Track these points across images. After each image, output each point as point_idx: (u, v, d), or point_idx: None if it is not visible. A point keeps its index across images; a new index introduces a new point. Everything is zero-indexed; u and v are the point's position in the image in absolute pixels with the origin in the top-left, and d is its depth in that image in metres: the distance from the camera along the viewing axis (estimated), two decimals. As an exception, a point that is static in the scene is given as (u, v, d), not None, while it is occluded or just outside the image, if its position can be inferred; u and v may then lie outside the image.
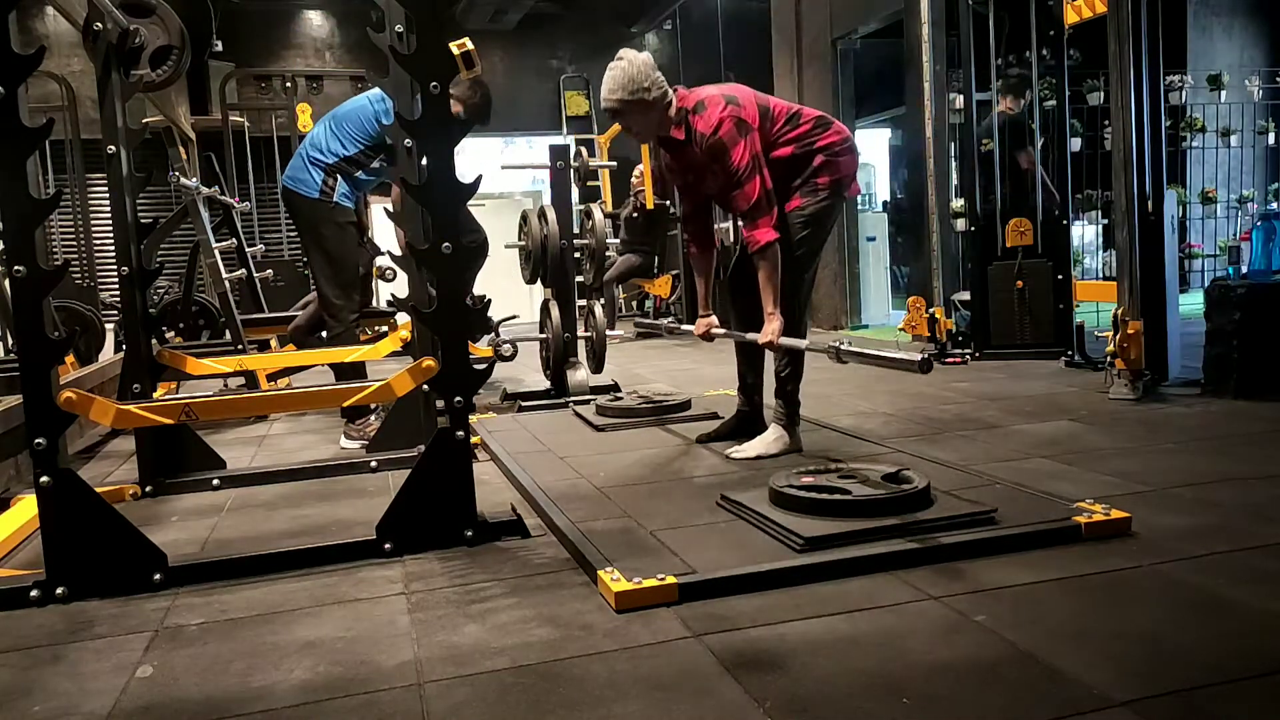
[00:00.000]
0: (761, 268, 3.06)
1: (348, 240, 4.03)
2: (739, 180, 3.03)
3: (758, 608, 1.94)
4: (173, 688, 1.74)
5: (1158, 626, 1.74)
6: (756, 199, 3.03)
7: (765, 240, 3.03)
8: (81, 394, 2.28)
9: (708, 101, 3.08)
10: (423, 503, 2.44)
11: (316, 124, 4.17)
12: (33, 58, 2.09)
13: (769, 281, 3.06)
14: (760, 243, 3.04)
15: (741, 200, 3.05)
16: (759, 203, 3.04)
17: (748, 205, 3.04)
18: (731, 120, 3.03)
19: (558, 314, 4.75)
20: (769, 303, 3.06)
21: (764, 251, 3.04)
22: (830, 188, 3.17)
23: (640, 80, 3.02)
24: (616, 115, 3.12)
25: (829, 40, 8.11)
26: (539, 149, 11.59)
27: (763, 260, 3.05)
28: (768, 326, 3.07)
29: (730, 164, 3.03)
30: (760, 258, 3.05)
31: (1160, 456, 3.08)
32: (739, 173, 3.03)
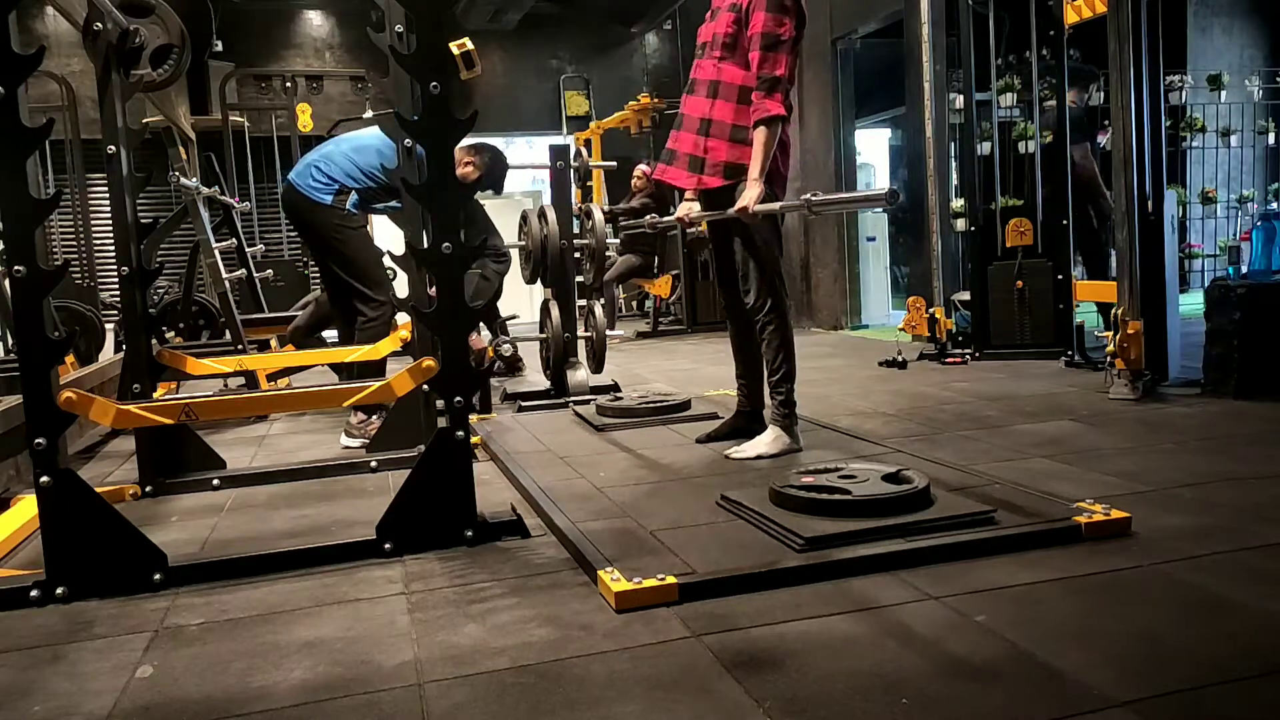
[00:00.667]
0: (759, 133, 3.09)
1: (363, 238, 4.09)
2: (777, 44, 3.09)
3: (758, 608, 1.94)
4: (173, 688, 1.74)
5: (1158, 626, 1.74)
6: (784, 72, 3.09)
7: (775, 111, 3.08)
8: (81, 394, 2.28)
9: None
10: (423, 503, 2.44)
11: (331, 142, 4.20)
12: (33, 58, 2.09)
13: (762, 148, 3.09)
14: (770, 112, 3.08)
15: (769, 66, 3.09)
16: (784, 78, 3.09)
17: (772, 73, 3.09)
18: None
19: (558, 314, 4.75)
20: (755, 168, 3.09)
21: (769, 122, 3.08)
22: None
23: None
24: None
25: (829, 40, 8.11)
26: (539, 149, 11.59)
27: (765, 128, 3.09)
28: (746, 193, 3.09)
29: (775, 26, 3.08)
30: (763, 125, 3.09)
31: (1160, 456, 3.08)
32: (780, 39, 3.08)
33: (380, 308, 4.08)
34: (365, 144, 4.12)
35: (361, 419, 3.95)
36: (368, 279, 4.07)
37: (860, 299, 8.44)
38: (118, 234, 3.07)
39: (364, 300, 4.06)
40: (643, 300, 10.46)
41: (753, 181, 3.09)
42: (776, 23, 3.08)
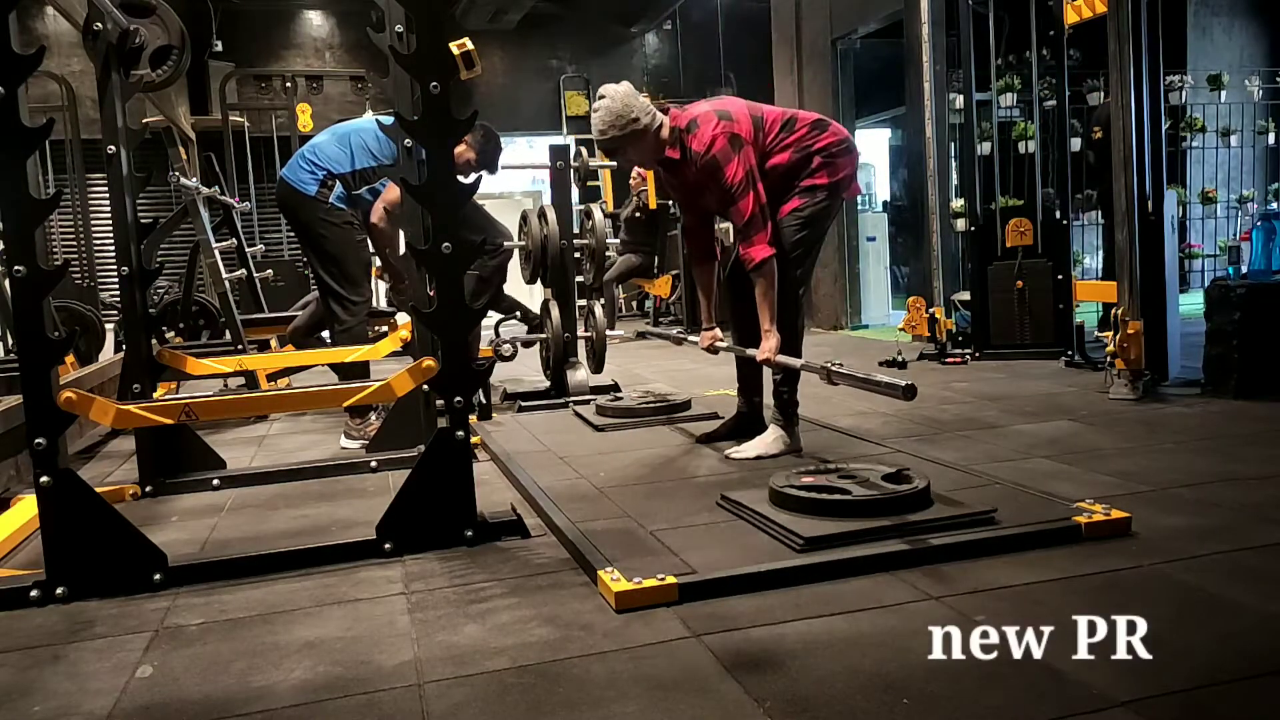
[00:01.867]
0: (758, 284, 3.07)
1: (347, 236, 4.03)
2: (733, 196, 3.05)
3: (758, 608, 1.94)
4: (173, 688, 1.74)
5: (1157, 626, 1.74)
6: (751, 215, 3.04)
7: (760, 257, 3.04)
8: (81, 394, 2.28)
9: (700, 119, 3.09)
10: (423, 503, 2.44)
11: (323, 132, 4.19)
12: (33, 58, 2.09)
13: (765, 298, 3.07)
14: (755, 260, 3.05)
15: (736, 216, 3.07)
16: (753, 219, 3.05)
17: (742, 222, 3.06)
18: (725, 136, 3.04)
19: (558, 314, 4.75)
20: (765, 319, 3.07)
21: (760, 268, 3.05)
22: (828, 189, 3.17)
23: (628, 112, 3.05)
24: (615, 152, 3.15)
25: (829, 40, 8.11)
26: (539, 149, 11.59)
27: (759, 276, 3.06)
28: (765, 344, 3.09)
29: (724, 180, 3.04)
30: (756, 274, 3.06)
31: (1160, 456, 3.08)
32: (733, 189, 3.04)
33: (354, 309, 4.02)
34: (353, 127, 4.09)
35: (360, 420, 3.95)
36: (343, 278, 4.00)
37: (860, 299, 8.44)
38: (118, 234, 3.07)
39: (338, 301, 4.00)
40: (643, 300, 10.46)
41: (768, 333, 3.07)
42: (722, 176, 3.04)
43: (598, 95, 3.12)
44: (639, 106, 3.07)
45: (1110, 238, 5.45)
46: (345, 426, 4.00)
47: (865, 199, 11.22)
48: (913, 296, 6.15)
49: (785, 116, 3.21)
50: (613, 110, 3.05)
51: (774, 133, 3.16)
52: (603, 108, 3.07)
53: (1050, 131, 5.88)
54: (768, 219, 3.08)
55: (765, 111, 3.20)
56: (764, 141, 3.15)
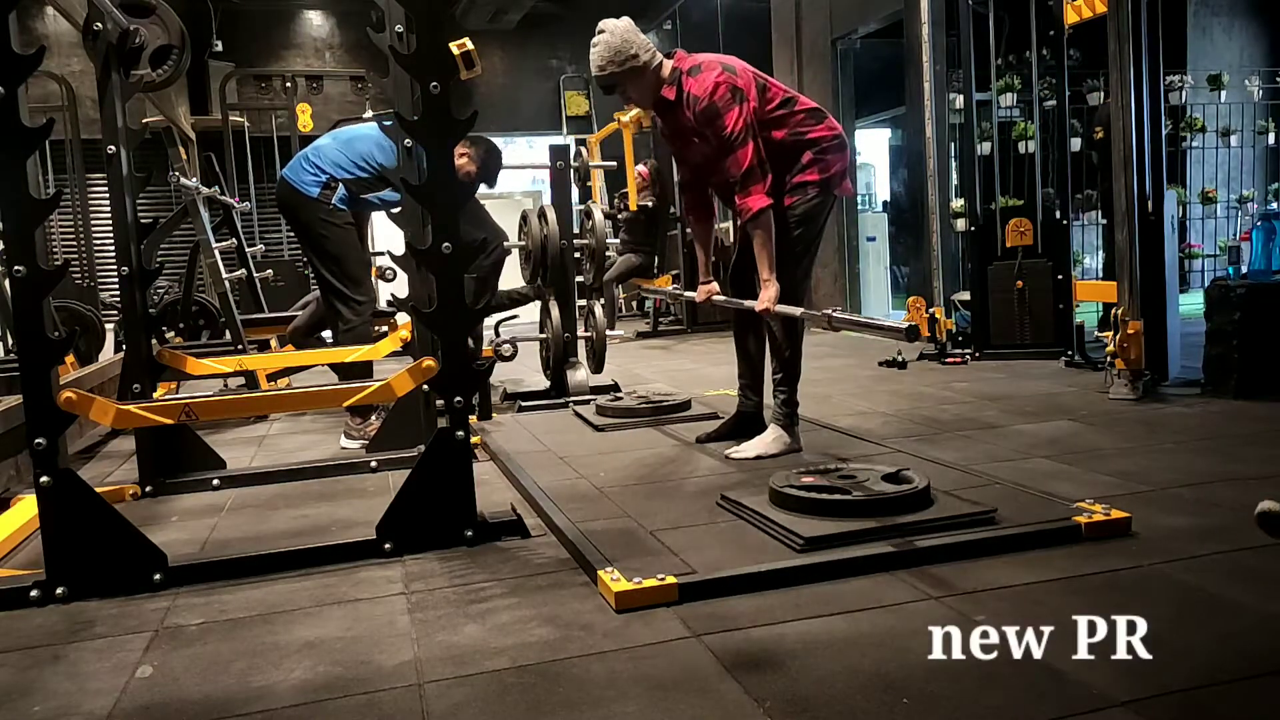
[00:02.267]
0: (755, 235, 3.05)
1: (348, 237, 4.04)
2: (732, 144, 3.01)
3: (758, 608, 1.94)
4: (173, 688, 1.74)
5: (1157, 626, 1.74)
6: (749, 165, 3.01)
7: (758, 207, 3.01)
8: (81, 394, 2.28)
9: (704, 65, 3.06)
10: (423, 503, 2.44)
11: (326, 135, 4.19)
12: (33, 58, 2.09)
13: (763, 248, 3.04)
14: (752, 210, 3.02)
15: (733, 166, 3.02)
16: (751, 169, 3.01)
17: (739, 171, 3.01)
18: (726, 86, 3.01)
19: (558, 314, 4.75)
20: (764, 269, 3.05)
21: (757, 218, 3.02)
22: (819, 185, 3.17)
23: (627, 48, 3.02)
24: (611, 87, 3.11)
25: (829, 40, 8.12)
26: (539, 149, 11.59)
27: (756, 228, 3.03)
28: (764, 293, 3.06)
29: (723, 129, 3.01)
30: (753, 225, 3.04)
31: (1160, 456, 3.08)
32: (732, 137, 3.00)
33: (359, 309, 4.04)
34: (357, 134, 4.11)
35: (360, 420, 3.95)
36: (347, 278, 4.02)
37: (860, 299, 8.44)
38: (118, 234, 3.07)
39: (343, 301, 4.01)
40: (643, 300, 10.45)
41: (766, 282, 3.05)
42: (721, 124, 3.01)
43: (597, 30, 3.08)
44: (639, 43, 3.05)
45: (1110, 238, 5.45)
46: (345, 426, 4.00)
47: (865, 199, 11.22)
48: (913, 296, 6.15)
49: (787, 94, 3.20)
50: (611, 45, 3.02)
51: (774, 104, 3.14)
52: (601, 42, 3.03)
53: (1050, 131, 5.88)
54: (767, 172, 3.05)
55: (770, 82, 3.18)
56: (764, 109, 3.11)
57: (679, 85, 3.09)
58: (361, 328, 4.05)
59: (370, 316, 4.15)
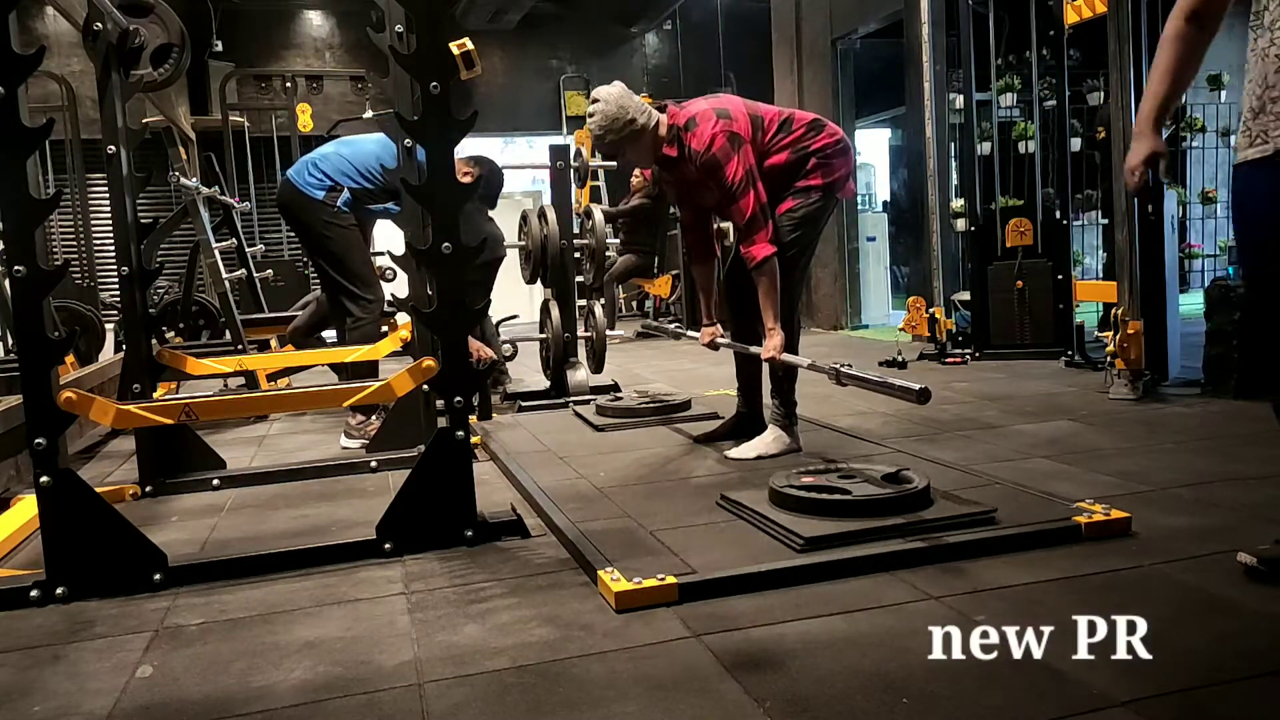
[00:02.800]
0: (760, 283, 3.07)
1: (352, 238, 4.05)
2: (734, 195, 3.04)
3: (758, 608, 1.94)
4: (173, 688, 1.74)
5: (1158, 626, 1.74)
6: (752, 213, 3.04)
7: (762, 256, 3.04)
8: (81, 394, 2.28)
9: (699, 118, 3.08)
10: (423, 503, 2.44)
11: (331, 144, 4.19)
12: (33, 58, 2.09)
13: (768, 296, 3.06)
14: (757, 258, 3.04)
15: (737, 215, 3.06)
16: (754, 217, 3.04)
17: (743, 220, 3.05)
18: (724, 135, 3.03)
19: (558, 314, 4.75)
20: (769, 318, 3.07)
21: (761, 266, 3.05)
22: (822, 189, 3.17)
23: (623, 114, 3.05)
24: (615, 155, 3.17)
25: (829, 40, 8.11)
26: (539, 149, 11.59)
27: (761, 275, 3.06)
28: (769, 342, 3.09)
29: (725, 179, 3.04)
30: (758, 273, 3.06)
31: (1160, 456, 3.08)
32: (734, 188, 3.03)
33: (369, 307, 4.06)
34: (362, 144, 4.13)
35: (360, 420, 3.95)
36: (355, 277, 4.05)
37: (860, 299, 8.44)
38: (118, 234, 3.07)
39: (352, 299, 4.04)
40: (643, 300, 10.46)
41: (772, 331, 3.07)
42: (722, 176, 3.03)
43: (591, 99, 3.11)
44: (634, 107, 3.07)
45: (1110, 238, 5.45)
46: (345, 426, 4.00)
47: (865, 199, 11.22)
48: (913, 296, 6.15)
49: (782, 116, 3.20)
50: (608, 114, 3.05)
51: (771, 132, 3.16)
52: (598, 112, 3.07)
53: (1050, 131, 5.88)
54: (769, 217, 3.07)
55: (763, 111, 3.20)
56: (762, 140, 3.14)
57: (679, 141, 3.12)
58: (369, 326, 4.06)
59: (379, 315, 4.16)
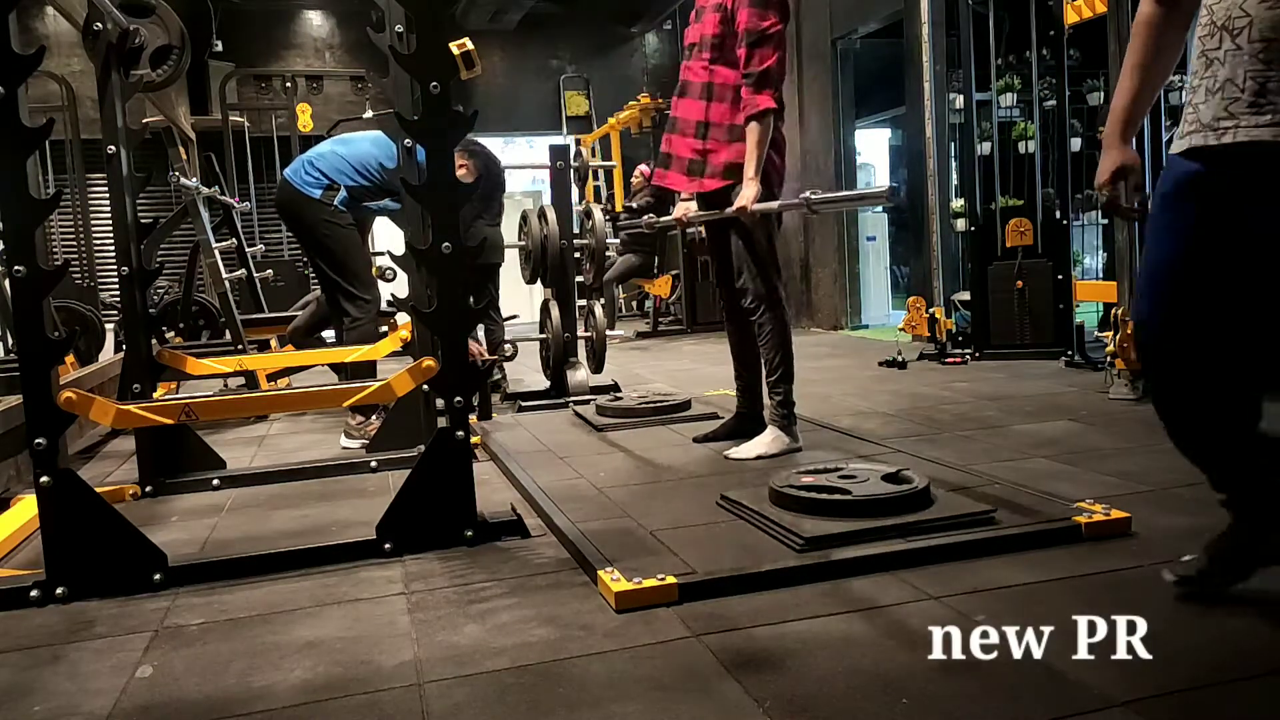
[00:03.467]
0: (752, 129, 3.09)
1: (351, 237, 4.06)
2: (765, 38, 3.07)
3: (758, 608, 1.94)
4: (173, 688, 1.74)
5: (1158, 626, 1.74)
6: (769, 66, 3.08)
7: (764, 106, 3.07)
8: (81, 394, 2.28)
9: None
10: (423, 503, 2.44)
11: (327, 142, 4.20)
12: (33, 58, 2.09)
13: (757, 147, 3.09)
14: (760, 107, 3.07)
15: (756, 60, 3.08)
16: (770, 71, 3.08)
17: (761, 66, 3.07)
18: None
19: (558, 314, 4.75)
20: (750, 167, 3.09)
21: (761, 115, 3.08)
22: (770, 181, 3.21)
23: None
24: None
25: (829, 40, 8.11)
26: (539, 149, 11.59)
27: (757, 124, 3.09)
28: (744, 192, 3.10)
29: (763, 20, 3.07)
30: (756, 120, 3.09)
31: (1160, 456, 3.07)
32: (769, 31, 3.07)
33: (366, 308, 4.05)
34: (358, 141, 4.12)
35: (360, 420, 3.95)
36: (353, 277, 4.04)
37: (860, 299, 8.44)
38: (118, 234, 3.07)
39: (350, 299, 4.03)
40: (643, 300, 10.46)
41: (749, 180, 3.09)
42: (760, 17, 3.08)
43: None
44: None
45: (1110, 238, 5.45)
46: (345, 426, 4.00)
47: (865, 199, 11.20)
48: (913, 296, 6.15)
49: None
50: None
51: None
52: None
53: (1050, 131, 5.87)
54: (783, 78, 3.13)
55: None
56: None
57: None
58: (368, 326, 4.06)
59: (376, 315, 4.16)
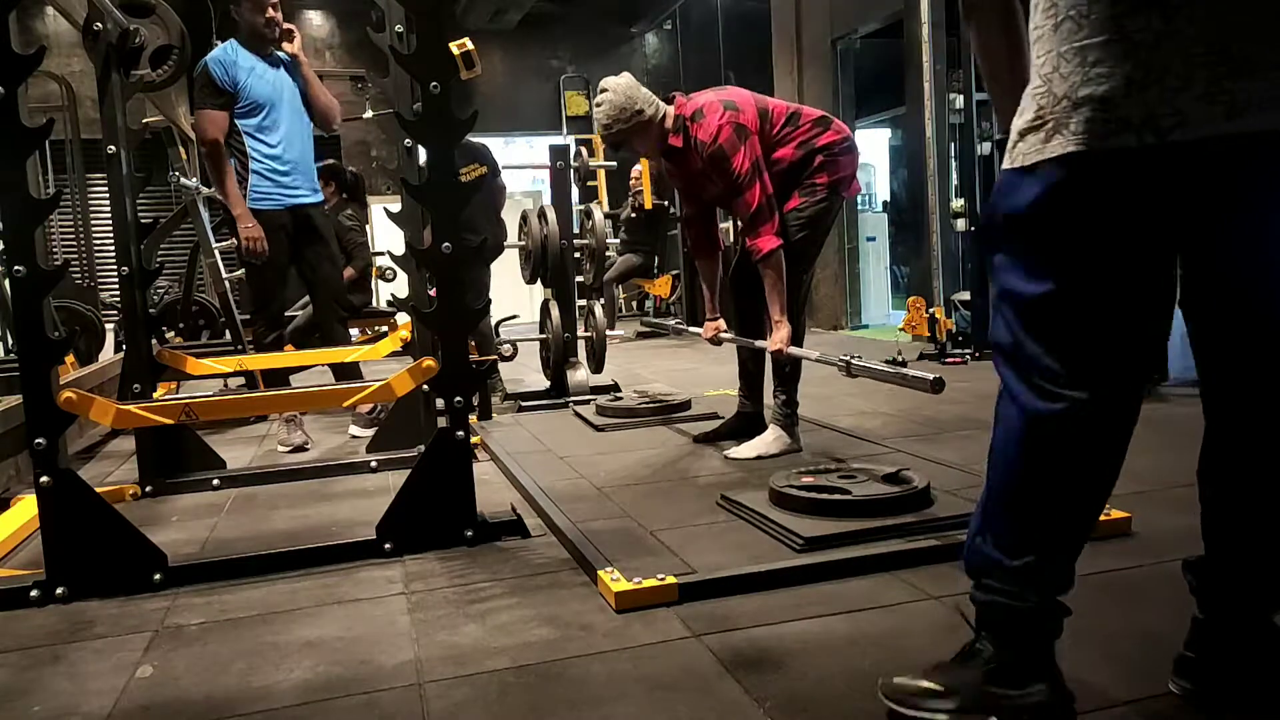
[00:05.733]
0: (766, 275, 3.06)
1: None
2: (739, 187, 3.03)
3: (758, 608, 1.94)
4: (173, 688, 1.74)
5: (1158, 626, 1.74)
6: (758, 205, 3.03)
7: (768, 248, 3.03)
8: (81, 394, 2.28)
9: (706, 109, 3.08)
10: (423, 503, 2.44)
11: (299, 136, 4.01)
12: (33, 58, 2.09)
13: (774, 289, 3.05)
14: (763, 250, 3.03)
15: (742, 207, 3.05)
16: (760, 209, 3.03)
17: (749, 212, 3.04)
18: (731, 126, 3.03)
19: (558, 314, 4.75)
20: (775, 310, 3.06)
21: (767, 259, 3.04)
22: (828, 188, 3.16)
23: (631, 105, 3.06)
24: (620, 144, 3.15)
25: (829, 40, 8.12)
26: (539, 149, 11.59)
27: (767, 268, 3.05)
28: (775, 334, 3.08)
29: (731, 171, 3.03)
30: (764, 265, 3.05)
31: (1160, 456, 3.07)
32: (740, 179, 3.02)
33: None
34: None
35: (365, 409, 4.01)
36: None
37: (860, 299, 8.44)
38: (118, 234, 3.08)
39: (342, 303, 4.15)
40: (643, 300, 10.46)
41: (779, 324, 3.06)
42: (728, 166, 3.03)
43: (599, 89, 3.12)
44: (642, 98, 3.08)
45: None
46: (353, 415, 4.07)
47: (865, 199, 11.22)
48: (913, 296, 6.15)
49: (790, 110, 3.20)
50: (615, 104, 3.05)
51: (779, 125, 3.15)
52: (606, 101, 3.07)
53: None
54: (774, 210, 3.06)
55: (770, 104, 3.19)
56: (769, 133, 3.13)
57: (685, 132, 3.12)
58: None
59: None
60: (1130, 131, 1.23)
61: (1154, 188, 1.25)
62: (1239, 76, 1.19)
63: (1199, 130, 1.20)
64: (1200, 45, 1.20)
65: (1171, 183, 1.24)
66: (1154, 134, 1.21)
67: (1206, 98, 1.19)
